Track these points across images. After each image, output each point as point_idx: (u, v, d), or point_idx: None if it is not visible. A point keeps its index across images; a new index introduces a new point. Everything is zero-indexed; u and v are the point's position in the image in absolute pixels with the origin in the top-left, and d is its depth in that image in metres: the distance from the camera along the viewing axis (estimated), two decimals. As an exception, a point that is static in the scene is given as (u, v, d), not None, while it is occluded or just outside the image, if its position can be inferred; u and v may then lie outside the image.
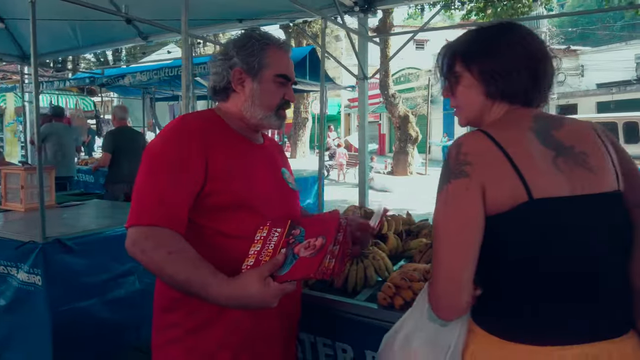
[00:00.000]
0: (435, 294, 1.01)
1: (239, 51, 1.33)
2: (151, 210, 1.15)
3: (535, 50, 1.07)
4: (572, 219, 0.96)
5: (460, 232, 0.97)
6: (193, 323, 1.24)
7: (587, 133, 1.06)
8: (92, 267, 2.75)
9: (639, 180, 1.06)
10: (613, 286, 0.99)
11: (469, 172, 0.97)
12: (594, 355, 0.93)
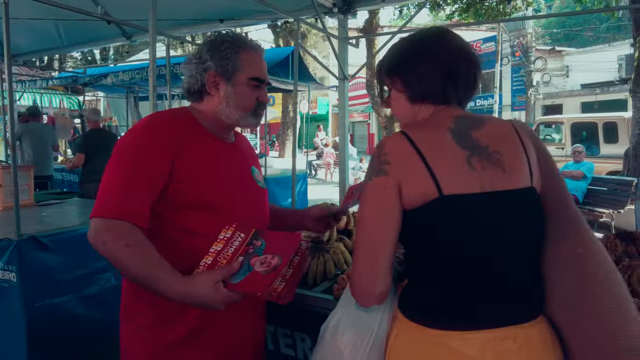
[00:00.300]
0: (354, 282, 1.08)
1: (213, 55, 1.36)
2: (114, 203, 1.20)
3: (449, 53, 1.13)
4: (480, 213, 1.03)
5: (376, 225, 1.05)
6: (159, 313, 1.29)
7: (506, 133, 1.12)
8: (67, 264, 2.78)
9: (556, 177, 1.13)
10: (521, 276, 1.06)
11: (387, 170, 1.04)
12: (499, 339, 0.99)
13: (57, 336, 2.70)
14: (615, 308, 0.99)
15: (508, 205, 1.05)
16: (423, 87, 1.13)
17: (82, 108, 8.88)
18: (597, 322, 0.99)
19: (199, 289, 1.12)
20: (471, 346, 0.99)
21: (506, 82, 22.01)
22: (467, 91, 1.16)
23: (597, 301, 1.00)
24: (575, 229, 1.07)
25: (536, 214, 1.09)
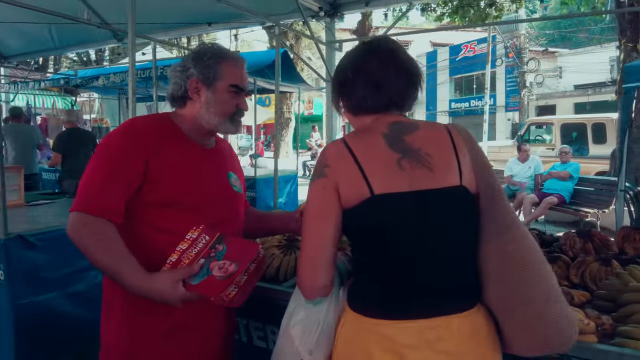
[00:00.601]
0: (299, 275, 1.17)
1: (196, 64, 1.45)
2: (91, 200, 1.29)
3: (376, 68, 1.20)
4: (408, 210, 1.11)
5: (317, 223, 1.14)
6: (133, 309, 1.37)
7: (439, 137, 1.20)
8: (54, 262, 2.86)
9: (489, 178, 1.19)
10: (451, 269, 1.13)
11: (327, 173, 1.13)
12: (432, 327, 1.07)
13: (43, 332, 2.78)
14: (544, 294, 1.08)
15: (435, 202, 1.12)
16: (355, 102, 1.23)
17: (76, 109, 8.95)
18: (527, 307, 1.08)
19: (159, 286, 1.22)
20: (405, 334, 1.07)
21: (500, 83, 22.15)
22: (403, 99, 1.23)
23: (528, 290, 1.08)
24: (507, 226, 1.14)
25: (466, 211, 1.16)
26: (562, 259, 1.94)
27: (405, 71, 1.22)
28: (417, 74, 1.25)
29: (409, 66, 1.23)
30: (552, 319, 1.06)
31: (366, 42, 1.28)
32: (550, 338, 1.07)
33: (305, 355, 1.20)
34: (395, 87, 1.21)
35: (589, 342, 1.34)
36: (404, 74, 1.22)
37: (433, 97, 26.14)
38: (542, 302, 1.07)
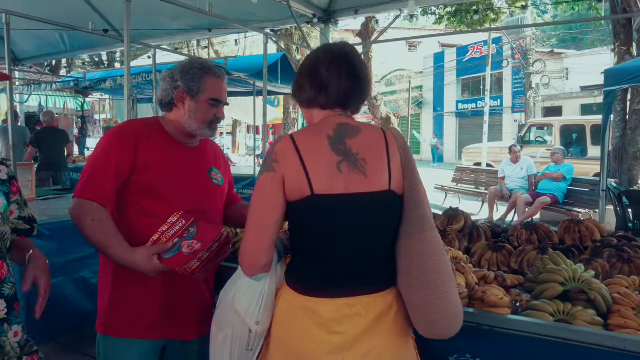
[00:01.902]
0: (241, 255, 1.34)
1: (183, 76, 1.70)
2: (87, 187, 1.58)
3: (323, 69, 1.35)
4: (342, 210, 1.27)
5: (262, 211, 1.30)
6: (116, 277, 1.65)
7: (376, 142, 1.32)
8: (61, 249, 3.16)
9: (415, 182, 1.33)
10: (370, 259, 1.31)
11: (275, 167, 1.28)
12: (351, 305, 1.26)
13: (50, 313, 3.04)
14: (433, 292, 1.25)
15: (365, 204, 1.28)
16: (305, 98, 1.41)
17: (84, 109, 9.33)
18: (419, 299, 1.27)
19: (137, 259, 1.50)
20: (328, 309, 1.26)
21: (507, 84, 22.20)
22: (347, 100, 1.37)
23: (422, 287, 1.26)
24: (422, 228, 1.28)
25: (389, 213, 1.31)
26: (505, 248, 2.17)
27: (351, 75, 1.35)
28: (363, 79, 1.38)
29: (356, 70, 1.36)
30: (436, 311, 1.25)
31: (322, 47, 1.47)
32: (434, 325, 1.27)
33: (253, 326, 1.39)
34: (340, 89, 1.34)
35: (502, 313, 1.57)
36: (349, 77, 1.35)
37: (440, 98, 26.26)
38: (430, 298, 1.26)
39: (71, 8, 5.15)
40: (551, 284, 1.68)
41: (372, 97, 13.33)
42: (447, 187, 10.41)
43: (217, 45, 19.16)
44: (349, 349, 1.27)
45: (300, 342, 1.31)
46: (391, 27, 5.59)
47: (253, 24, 5.04)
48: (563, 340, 1.46)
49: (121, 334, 1.64)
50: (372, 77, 13.94)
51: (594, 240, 2.21)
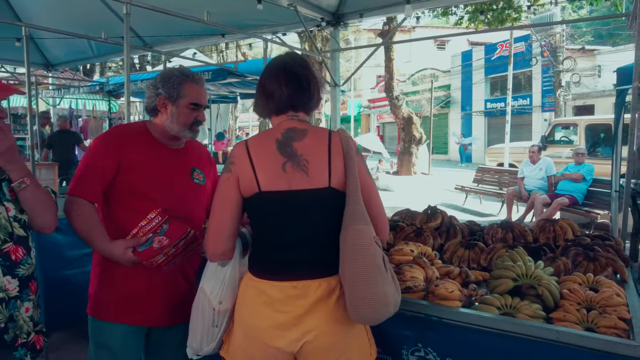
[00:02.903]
0: (205, 244, 1.54)
1: (164, 84, 1.86)
2: (76, 186, 1.77)
3: (267, 79, 1.53)
4: (285, 205, 1.44)
5: (221, 207, 1.49)
6: (103, 264, 1.83)
7: (319, 143, 1.47)
8: (75, 244, 3.41)
9: (351, 179, 1.44)
10: (310, 248, 1.46)
11: (231, 168, 1.47)
12: (293, 287, 1.42)
13: (67, 301, 3.32)
14: (359, 280, 1.37)
15: (305, 199, 1.44)
16: (258, 109, 1.60)
17: (112, 111, 9.78)
18: (349, 285, 1.39)
19: (114, 250, 1.69)
20: (275, 291, 1.44)
21: (536, 82, 21.69)
22: (293, 104, 1.52)
23: (351, 275, 1.38)
24: (352, 220, 1.40)
25: (328, 207, 1.46)
26: (478, 246, 2.25)
27: (290, 82, 1.50)
28: (304, 83, 1.52)
29: (296, 77, 1.51)
30: (358, 297, 1.37)
31: (270, 61, 1.62)
32: (357, 310, 1.38)
33: (216, 305, 1.60)
34: (281, 95, 1.51)
35: (452, 306, 1.67)
36: (288, 84, 1.50)
37: (468, 97, 25.88)
38: (354, 285, 1.38)
39: (95, 16, 5.46)
40: (504, 280, 1.76)
41: (394, 97, 13.38)
42: (467, 188, 10.34)
43: (244, 47, 19.52)
44: (291, 327, 1.43)
45: (252, 317, 1.49)
46: (420, 26, 5.67)
47: (264, 28, 5.21)
48: (504, 331, 1.55)
49: (106, 318, 1.83)
50: (396, 76, 13.93)
51: (567, 239, 2.26)
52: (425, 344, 1.67)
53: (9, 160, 1.52)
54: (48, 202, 1.63)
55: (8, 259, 1.49)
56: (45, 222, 1.64)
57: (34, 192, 1.57)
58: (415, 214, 2.70)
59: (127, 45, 3.11)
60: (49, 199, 1.63)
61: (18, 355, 1.51)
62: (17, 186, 1.54)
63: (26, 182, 1.55)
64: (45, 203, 1.61)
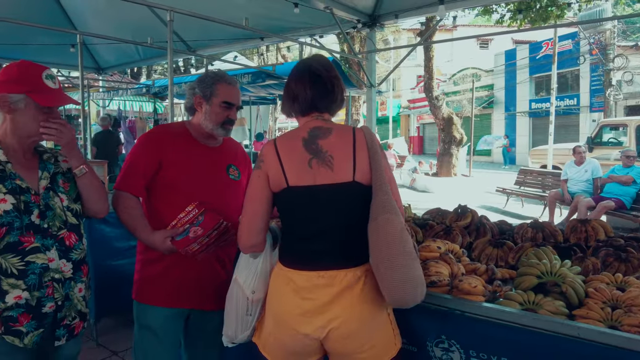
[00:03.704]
0: (238, 236, 1.64)
1: (199, 84, 2.04)
2: (122, 181, 1.94)
3: (293, 81, 1.63)
4: (311, 198, 1.52)
5: (252, 202, 1.59)
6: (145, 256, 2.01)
7: (344, 140, 1.55)
8: (123, 236, 3.64)
9: (377, 171, 1.51)
10: (336, 239, 1.54)
11: (261, 166, 1.58)
12: (320, 276, 1.51)
13: (116, 290, 3.54)
14: (393, 265, 1.43)
15: (330, 193, 1.52)
16: (286, 109, 1.69)
17: (158, 112, 10.23)
18: (382, 271, 1.46)
19: (154, 240, 1.85)
20: (302, 279, 1.53)
21: (584, 82, 20.84)
22: (317, 106, 1.61)
23: (384, 261, 1.45)
24: (384, 210, 1.46)
25: (353, 199, 1.53)
26: (506, 245, 2.26)
27: (314, 84, 1.59)
28: (328, 86, 1.60)
29: (320, 79, 1.59)
30: (394, 281, 1.44)
31: (296, 64, 1.71)
32: (393, 293, 1.45)
33: (250, 294, 1.70)
34: (306, 97, 1.61)
35: (474, 300, 1.71)
36: (312, 87, 1.59)
37: (512, 98, 25.16)
38: (389, 270, 1.44)
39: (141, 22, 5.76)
40: (527, 277, 1.79)
41: (433, 97, 13.24)
42: (508, 190, 10.10)
43: (284, 49, 19.85)
44: (317, 314, 1.52)
45: (281, 304, 1.59)
46: (461, 25, 5.64)
47: (301, 31, 5.35)
48: (525, 326, 1.58)
49: (149, 302, 1.99)
50: (436, 76, 13.76)
51: (598, 240, 2.24)
52: (449, 337, 1.72)
53: (70, 150, 1.71)
54: (102, 189, 1.81)
55: (63, 244, 1.67)
56: (99, 208, 1.82)
57: (92, 180, 1.77)
58: (445, 213, 2.74)
59: (171, 50, 3.30)
60: (102, 187, 1.82)
61: (58, 333, 1.68)
62: (78, 172, 1.73)
63: (86, 169, 1.73)
64: (100, 190, 1.80)
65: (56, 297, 1.63)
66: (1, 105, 1.59)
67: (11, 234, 1.56)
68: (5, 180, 1.57)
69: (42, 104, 1.60)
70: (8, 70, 1.61)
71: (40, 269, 1.60)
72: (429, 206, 3.03)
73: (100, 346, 3.50)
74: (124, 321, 3.86)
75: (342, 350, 1.56)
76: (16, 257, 1.56)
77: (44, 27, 4.64)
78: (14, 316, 1.56)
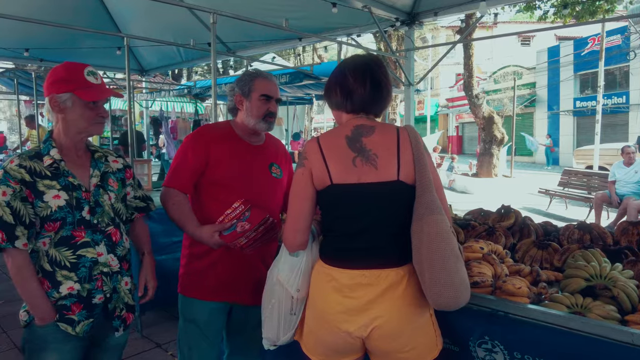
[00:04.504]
0: (283, 236, 1.66)
1: (238, 83, 2.11)
2: (171, 178, 2.01)
3: (346, 77, 1.59)
4: (355, 196, 1.52)
5: (296, 201, 1.59)
6: (191, 250, 2.08)
7: (388, 139, 1.54)
8: (166, 232, 3.75)
9: (422, 171, 1.50)
10: (380, 238, 1.53)
11: (305, 163, 1.57)
12: (363, 275, 1.50)
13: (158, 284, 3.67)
14: (438, 267, 1.42)
15: (374, 192, 1.51)
16: (335, 103, 1.66)
17: (199, 113, 10.49)
18: (427, 273, 1.44)
19: (203, 234, 1.89)
20: (344, 277, 1.52)
21: (634, 78, 19.87)
22: (369, 105, 1.59)
23: (429, 262, 1.44)
24: (429, 211, 1.45)
25: (397, 199, 1.52)
26: (552, 246, 2.19)
27: (373, 84, 1.57)
28: (384, 88, 1.59)
29: (377, 80, 1.58)
30: (439, 284, 1.42)
31: (350, 58, 1.69)
32: (439, 296, 1.43)
33: (294, 293, 1.70)
34: (362, 97, 1.58)
35: (519, 302, 1.67)
36: (371, 87, 1.57)
37: (556, 96, 24.27)
38: (436, 273, 1.43)
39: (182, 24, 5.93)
40: (575, 279, 1.73)
41: (473, 96, 12.95)
42: (551, 191, 9.77)
43: (320, 49, 19.93)
44: (360, 313, 1.51)
45: (322, 302, 1.59)
46: (502, 22, 5.52)
47: (338, 31, 5.35)
48: (573, 330, 1.53)
49: (193, 295, 2.05)
50: (476, 74, 13.45)
51: (652, 243, 2.14)
52: (493, 337, 1.68)
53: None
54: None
55: (110, 239, 1.74)
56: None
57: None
58: (488, 213, 2.68)
59: (214, 51, 3.38)
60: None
61: (115, 324, 1.76)
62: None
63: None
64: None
65: (105, 290, 1.71)
66: (52, 106, 1.67)
67: (64, 228, 1.64)
68: (59, 178, 1.66)
69: (86, 99, 1.66)
70: (54, 73, 1.69)
71: (90, 263, 1.68)
72: (469, 207, 2.97)
73: (144, 338, 3.63)
74: (167, 314, 3.99)
75: (384, 349, 1.56)
76: (69, 251, 1.65)
77: (92, 31, 4.84)
78: (68, 305, 1.65)
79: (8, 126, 23.37)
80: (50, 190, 1.63)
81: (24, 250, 1.59)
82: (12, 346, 3.48)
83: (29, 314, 1.67)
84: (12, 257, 1.58)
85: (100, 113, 1.73)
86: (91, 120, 1.71)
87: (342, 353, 1.61)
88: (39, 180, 1.62)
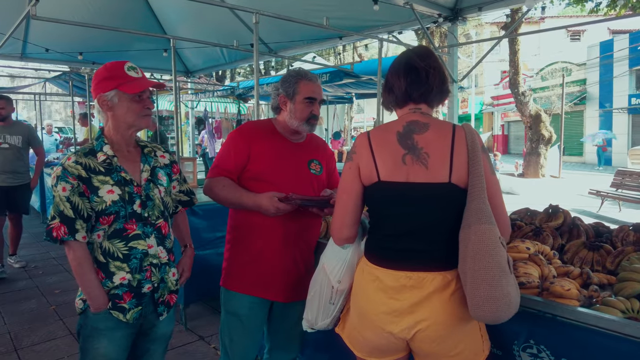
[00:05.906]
0: (331, 228, 1.65)
1: (282, 85, 2.14)
2: (215, 169, 2.08)
3: (389, 71, 1.57)
4: (402, 196, 1.47)
5: (344, 195, 1.58)
6: (234, 243, 2.14)
7: (442, 138, 1.47)
8: (210, 227, 3.86)
9: (476, 177, 1.42)
10: (425, 240, 1.48)
11: (353, 158, 1.55)
12: (407, 277, 1.47)
13: (203, 278, 3.76)
14: (481, 278, 1.36)
15: (423, 193, 1.46)
16: (384, 102, 1.65)
17: (241, 113, 10.71)
18: (472, 279, 1.38)
19: (263, 199, 1.94)
20: (389, 278, 1.49)
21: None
22: (410, 96, 1.54)
23: (472, 272, 1.38)
24: (477, 220, 1.38)
25: (446, 202, 1.46)
26: (604, 248, 2.10)
27: (408, 73, 1.53)
28: (424, 74, 1.52)
29: (414, 68, 1.53)
30: (480, 297, 1.36)
31: (403, 53, 1.64)
32: (479, 309, 1.37)
33: (335, 283, 1.71)
34: (400, 88, 1.55)
35: (568, 304, 1.61)
36: (406, 76, 1.53)
37: (608, 93, 23.10)
38: (477, 285, 1.37)
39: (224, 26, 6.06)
40: (630, 283, 1.64)
41: (519, 93, 12.52)
42: (603, 193, 9.32)
43: (360, 48, 19.83)
44: (405, 315, 1.49)
45: (366, 302, 1.58)
46: (551, 17, 5.32)
47: (380, 28, 5.31)
48: (628, 336, 1.45)
49: (235, 289, 2.10)
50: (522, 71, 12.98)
51: None
52: (538, 342, 1.63)
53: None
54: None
55: (160, 232, 1.81)
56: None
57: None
58: (535, 213, 2.59)
59: (256, 51, 3.43)
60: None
61: (160, 309, 1.84)
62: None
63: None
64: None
65: (153, 280, 1.78)
66: (101, 105, 1.75)
67: (118, 221, 1.72)
68: (112, 173, 1.74)
69: (130, 91, 1.73)
70: (97, 75, 1.77)
71: (141, 254, 1.75)
72: (514, 209, 2.89)
73: (188, 330, 3.74)
74: (211, 308, 4.10)
75: (428, 352, 1.53)
76: (121, 243, 1.73)
77: (140, 34, 5.03)
78: (119, 294, 1.73)
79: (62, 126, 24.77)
80: (105, 186, 1.71)
81: (83, 243, 1.68)
82: (68, 333, 3.68)
83: (84, 302, 1.76)
84: (73, 249, 1.67)
85: (147, 105, 1.79)
86: (138, 112, 1.77)
87: (385, 352, 1.60)
88: (94, 176, 1.70)
